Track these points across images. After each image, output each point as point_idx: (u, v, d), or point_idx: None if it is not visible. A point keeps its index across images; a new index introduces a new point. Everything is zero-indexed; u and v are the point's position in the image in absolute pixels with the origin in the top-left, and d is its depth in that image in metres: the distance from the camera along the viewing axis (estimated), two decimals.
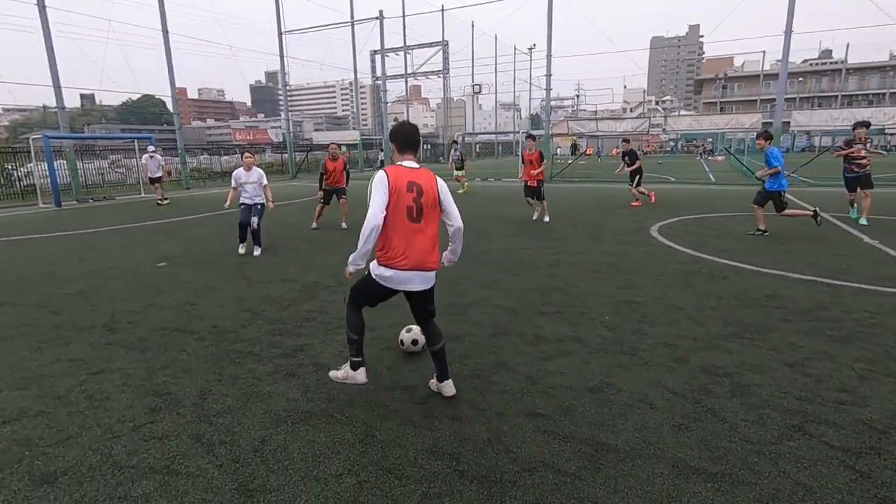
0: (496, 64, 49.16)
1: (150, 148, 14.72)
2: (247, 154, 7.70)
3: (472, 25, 44.11)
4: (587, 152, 43.35)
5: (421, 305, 3.00)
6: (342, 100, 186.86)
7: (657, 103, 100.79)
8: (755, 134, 8.61)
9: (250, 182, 7.39)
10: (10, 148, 20.40)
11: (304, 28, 24.90)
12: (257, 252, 7.35)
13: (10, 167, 18.06)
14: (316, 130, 25.97)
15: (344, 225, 9.89)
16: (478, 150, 51.81)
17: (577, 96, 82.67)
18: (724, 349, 3.64)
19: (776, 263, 6.09)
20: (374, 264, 2.85)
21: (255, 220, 7.30)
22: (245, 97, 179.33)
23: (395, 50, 27.73)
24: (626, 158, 12.26)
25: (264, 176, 7.59)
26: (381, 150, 32.98)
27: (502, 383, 3.21)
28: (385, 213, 2.67)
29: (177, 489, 2.26)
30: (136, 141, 17.58)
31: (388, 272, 2.78)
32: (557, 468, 2.35)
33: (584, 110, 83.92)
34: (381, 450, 2.53)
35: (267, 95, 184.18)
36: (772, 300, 4.71)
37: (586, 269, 6.12)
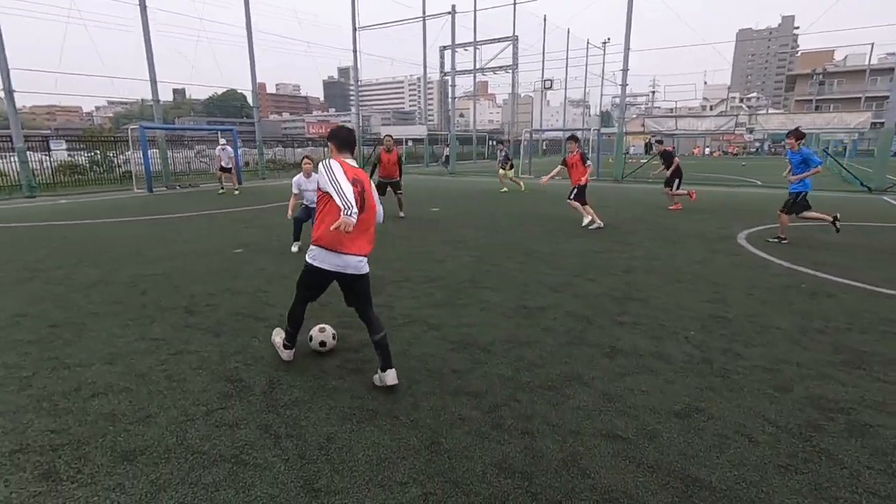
0: (567, 59, 47.78)
1: (222, 141, 15.58)
2: (306, 160, 7.19)
3: (545, 19, 43.14)
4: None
5: (360, 292, 3.20)
6: (409, 95, 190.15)
7: (741, 101, 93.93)
8: (785, 133, 7.79)
9: (310, 189, 7.01)
10: (112, 137, 22.39)
11: (377, 24, 25.38)
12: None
13: (111, 155, 19.83)
14: (384, 125, 26.41)
15: (401, 214, 10.05)
16: (545, 147, 50.66)
17: (653, 92, 78.66)
18: (835, 380, 3.19)
19: (894, 283, 5.35)
20: (310, 251, 3.13)
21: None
22: (318, 92, 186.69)
23: (464, 45, 27.64)
24: (663, 160, 11.59)
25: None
26: (447, 146, 33.09)
27: (577, 398, 2.98)
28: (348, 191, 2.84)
29: (244, 480, 2.25)
30: (219, 133, 18.70)
31: (319, 254, 3.08)
32: (643, 502, 2.11)
33: (659, 108, 79.82)
34: (447, 460, 2.40)
35: (339, 91, 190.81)
36: (895, 326, 4.10)
37: (666, 277, 5.68)
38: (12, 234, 8.82)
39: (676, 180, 11.39)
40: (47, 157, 17.35)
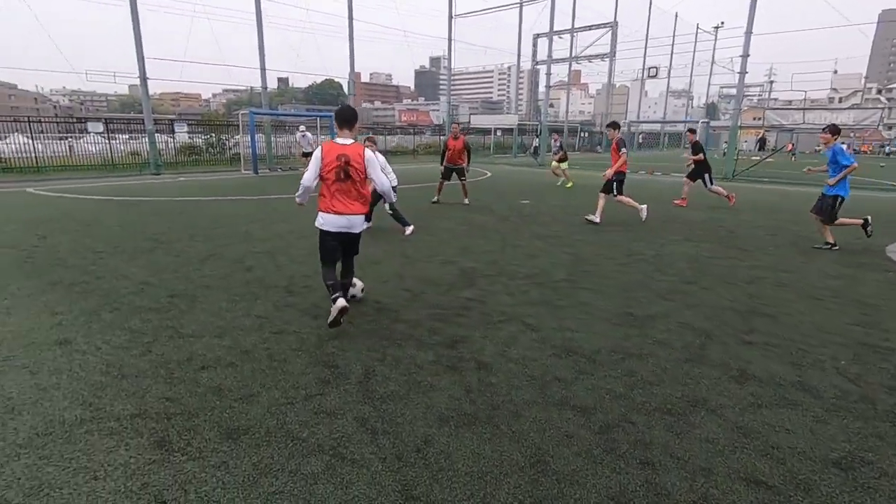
0: (673, 45, 44.43)
1: (302, 128, 16.44)
2: (368, 141, 6.71)
3: (650, 2, 40.30)
4: (787, 148, 36.78)
5: (348, 250, 4.03)
6: (498, 85, 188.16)
7: (879, 92, 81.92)
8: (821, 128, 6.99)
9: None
10: (226, 121, 24.33)
11: (473, 11, 25.11)
12: (408, 231, 7.41)
13: (224, 138, 21.58)
14: (472, 114, 26.21)
15: (465, 201, 10.57)
16: (640, 140, 47.68)
17: (772, 82, 70.95)
18: None
19: None
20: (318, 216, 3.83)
21: (385, 205, 7.23)
22: (409, 81, 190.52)
23: (560, 32, 26.51)
24: (692, 151, 10.91)
25: (386, 164, 7.39)
26: (537, 136, 32.19)
27: (704, 428, 2.59)
28: (317, 176, 3.73)
29: (342, 476, 2.17)
30: (318, 119, 19.58)
31: (323, 217, 3.81)
32: None
33: (776, 99, 71.91)
34: (556, 483, 2.16)
35: (429, 80, 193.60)
36: None
37: (800, 292, 4.93)
38: (141, 208, 9.80)
39: (706, 175, 10.60)
40: (171, 139, 19.22)
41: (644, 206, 8.70)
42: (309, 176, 3.73)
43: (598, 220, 8.50)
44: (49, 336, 3.63)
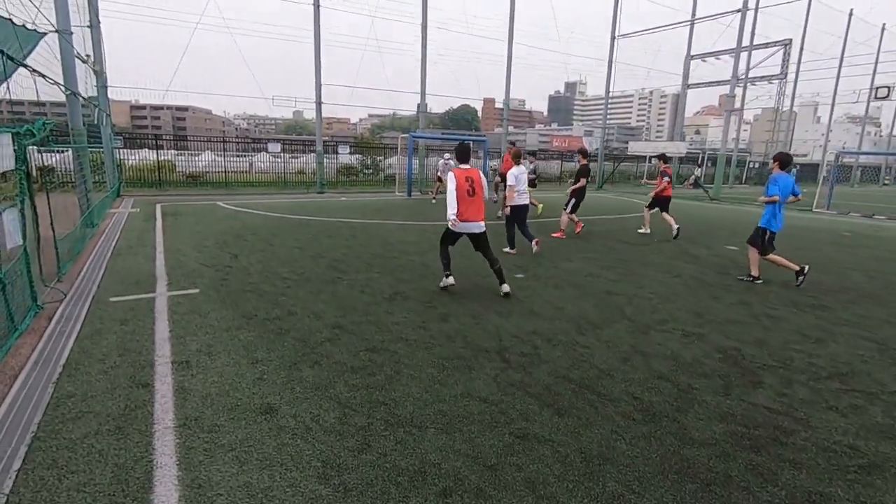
0: (876, 63, 37.14)
1: (447, 155, 15.96)
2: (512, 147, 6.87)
3: (850, 15, 34.20)
4: None
5: (482, 245, 5.47)
6: (638, 110, 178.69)
7: None
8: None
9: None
10: (381, 144, 25.46)
11: (636, 32, 23.26)
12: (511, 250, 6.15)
13: (379, 159, 22.44)
14: (632, 141, 23.99)
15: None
16: (859, 175, 40.05)
17: None
18: None
19: None
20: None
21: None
22: (541, 106, 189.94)
23: (718, 53, 23.28)
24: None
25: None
26: (698, 166, 28.71)
27: None
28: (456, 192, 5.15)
29: None
30: (472, 144, 19.34)
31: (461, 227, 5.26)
32: None
33: None
34: None
35: (562, 105, 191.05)
36: None
37: None
38: (314, 228, 9.89)
39: (573, 201, 9.64)
40: (334, 160, 20.35)
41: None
42: (452, 194, 5.16)
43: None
44: (252, 398, 3.05)
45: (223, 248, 7.47)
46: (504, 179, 9.87)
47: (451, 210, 5.13)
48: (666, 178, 10.04)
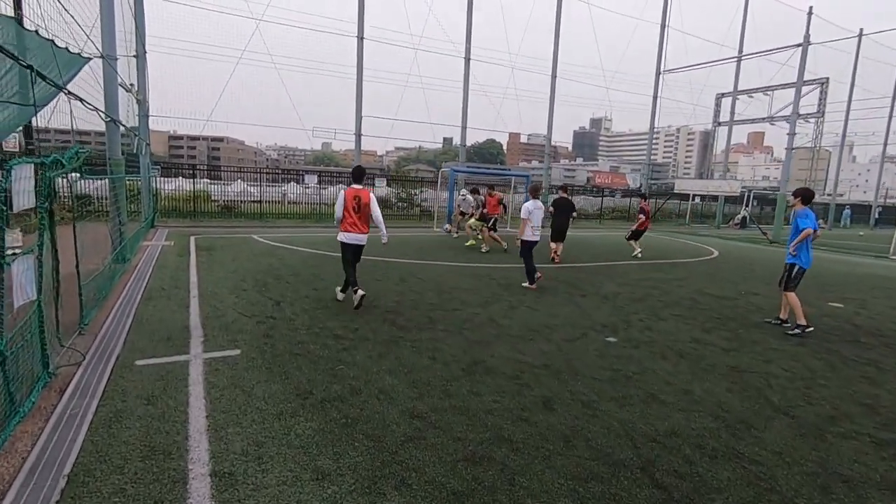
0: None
1: (463, 191, 15.18)
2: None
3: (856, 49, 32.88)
4: None
5: (356, 259, 6.23)
6: (664, 146, 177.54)
7: None
8: None
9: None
10: (418, 177, 24.95)
11: (684, 66, 22.53)
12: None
13: (414, 192, 21.83)
14: (683, 177, 22.90)
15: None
16: (878, 214, 38.00)
17: None
18: None
19: None
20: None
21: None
22: (566, 141, 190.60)
23: (749, 91, 22.21)
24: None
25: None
26: (746, 206, 27.36)
27: None
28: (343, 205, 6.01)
29: None
30: (513, 178, 18.55)
31: (342, 236, 6.11)
32: None
33: None
34: None
35: (587, 140, 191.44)
36: None
37: None
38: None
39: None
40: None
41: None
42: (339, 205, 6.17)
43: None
44: None
45: (263, 293, 6.67)
46: (463, 215, 13.13)
47: (338, 217, 6.12)
48: (642, 215, 11.97)
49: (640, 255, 12.01)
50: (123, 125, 9.48)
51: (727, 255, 14.28)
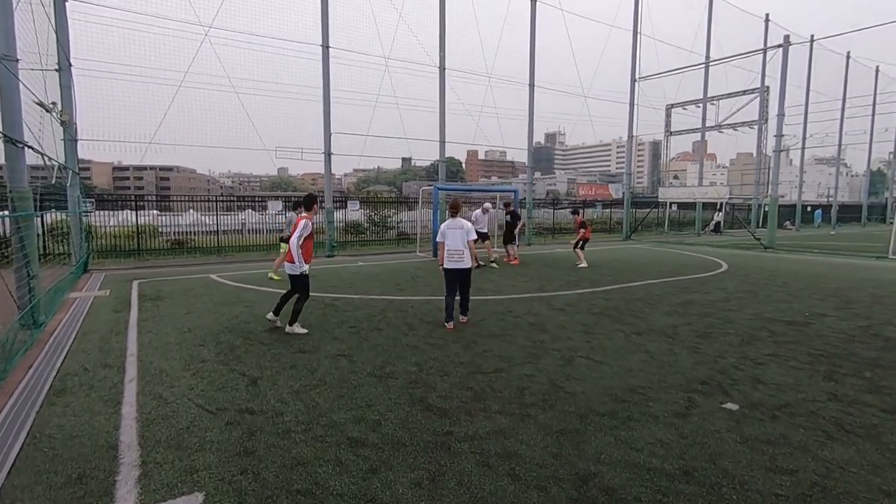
0: (874, 105, 37.14)
1: (487, 204, 13.97)
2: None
3: (847, 57, 34.31)
4: None
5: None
6: (617, 158, 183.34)
7: None
8: None
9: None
10: (394, 198, 23.24)
11: (657, 73, 22.09)
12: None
13: (388, 215, 20.15)
14: (662, 187, 22.14)
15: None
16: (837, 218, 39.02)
17: None
18: None
19: None
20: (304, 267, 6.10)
21: None
22: (521, 156, 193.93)
23: (695, 102, 22.18)
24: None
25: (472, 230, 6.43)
26: (720, 211, 27.21)
27: None
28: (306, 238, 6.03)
29: None
30: (497, 194, 17.25)
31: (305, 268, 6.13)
32: None
33: None
34: None
35: (544, 155, 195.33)
36: None
37: None
38: (350, 318, 7.29)
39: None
40: (342, 216, 17.96)
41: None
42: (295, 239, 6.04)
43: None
44: None
45: (231, 365, 4.86)
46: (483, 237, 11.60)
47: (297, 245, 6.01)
48: (582, 229, 12.79)
49: (584, 265, 12.24)
50: (36, 149, 7.47)
51: (737, 266, 13.31)
